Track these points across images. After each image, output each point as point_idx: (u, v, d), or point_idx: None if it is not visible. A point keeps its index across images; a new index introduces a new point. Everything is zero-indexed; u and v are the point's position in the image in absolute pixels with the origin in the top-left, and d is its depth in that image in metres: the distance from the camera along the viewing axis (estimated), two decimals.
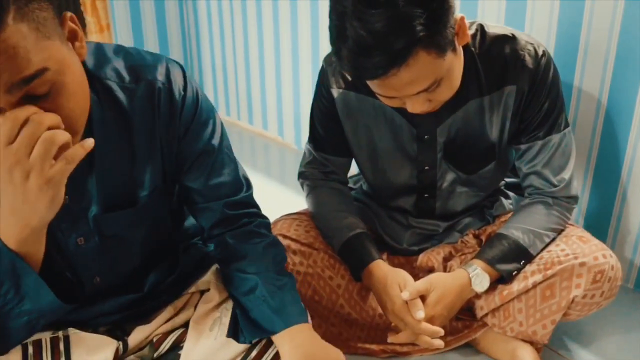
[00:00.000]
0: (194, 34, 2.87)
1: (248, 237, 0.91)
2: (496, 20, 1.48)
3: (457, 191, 1.15)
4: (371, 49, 0.81)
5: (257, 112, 2.59)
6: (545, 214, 1.08)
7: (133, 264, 0.90)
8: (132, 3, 2.77)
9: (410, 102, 0.93)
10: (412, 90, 0.89)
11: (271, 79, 2.43)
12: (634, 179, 1.31)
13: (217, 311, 0.93)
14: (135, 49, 0.84)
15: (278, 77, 2.38)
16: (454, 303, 1.03)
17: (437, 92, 0.92)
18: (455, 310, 1.05)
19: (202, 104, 0.86)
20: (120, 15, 2.77)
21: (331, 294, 1.14)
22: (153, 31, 2.87)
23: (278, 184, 2.07)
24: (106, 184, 0.81)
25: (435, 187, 1.15)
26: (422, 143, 1.09)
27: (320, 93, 1.14)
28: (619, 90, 1.29)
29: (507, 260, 1.05)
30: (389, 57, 0.82)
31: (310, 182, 1.22)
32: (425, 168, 1.12)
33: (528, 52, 1.01)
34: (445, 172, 1.12)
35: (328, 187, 1.20)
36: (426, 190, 1.16)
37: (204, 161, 0.87)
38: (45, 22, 0.62)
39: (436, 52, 0.85)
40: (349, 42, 0.83)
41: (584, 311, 1.05)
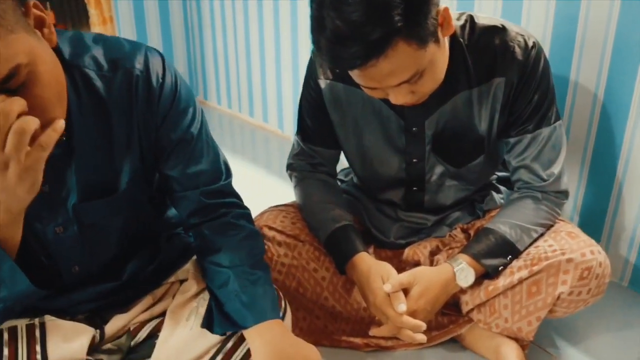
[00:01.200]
0: (197, 26, 2.87)
1: (224, 228, 0.90)
2: (493, 14, 1.46)
3: (446, 184, 1.14)
4: (347, 39, 0.80)
5: (258, 105, 2.59)
6: (534, 209, 1.06)
7: (112, 253, 0.90)
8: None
9: (392, 94, 0.91)
10: (393, 82, 0.87)
11: (271, 73, 2.42)
12: (629, 176, 1.29)
13: (194, 301, 0.92)
14: (115, 38, 0.84)
15: (278, 70, 2.38)
16: (437, 297, 1.01)
17: (420, 83, 0.90)
18: (439, 305, 1.04)
19: (181, 92, 0.85)
20: (124, 7, 2.78)
21: (315, 287, 1.13)
22: (156, 24, 2.87)
23: (277, 176, 2.06)
24: (85, 172, 0.80)
25: (423, 180, 1.13)
26: (410, 135, 1.07)
27: (308, 84, 1.13)
28: (616, 85, 1.26)
29: (493, 255, 1.03)
30: (366, 48, 0.80)
31: (298, 173, 1.21)
32: (414, 161, 1.10)
33: (518, 44, 0.99)
34: (434, 165, 1.11)
35: (315, 179, 1.19)
36: (415, 183, 1.14)
37: (182, 149, 0.87)
38: (5, 14, 0.61)
39: (417, 43, 0.83)
40: (326, 33, 0.82)
41: (570, 308, 1.03)
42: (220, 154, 0.94)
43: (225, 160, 0.95)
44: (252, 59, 2.51)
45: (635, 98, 1.23)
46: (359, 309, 1.14)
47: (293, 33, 2.22)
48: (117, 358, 0.89)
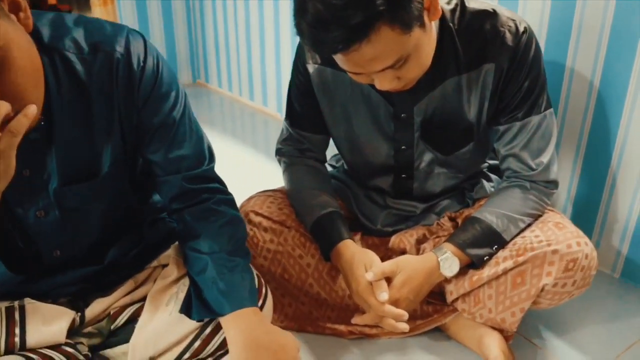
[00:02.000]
0: (198, 8, 2.84)
1: (205, 214, 0.90)
2: (491, 1, 1.42)
3: (435, 172, 1.12)
4: (328, 23, 0.78)
5: (258, 89, 2.57)
6: (522, 199, 1.05)
7: (94, 237, 0.90)
8: None
9: (377, 79, 0.89)
10: (377, 67, 0.85)
11: (271, 57, 2.41)
12: (623, 166, 1.27)
13: (174, 286, 0.92)
14: (97, 20, 0.83)
15: (277, 55, 2.36)
16: (421, 287, 1.01)
17: (405, 69, 0.88)
18: (423, 294, 1.03)
19: (163, 75, 0.84)
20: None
21: (300, 273, 1.13)
22: (157, 6, 2.85)
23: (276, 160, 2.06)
24: (66, 156, 0.80)
25: (412, 167, 1.12)
26: (398, 122, 1.06)
27: (296, 68, 1.11)
28: (612, 74, 1.23)
29: (478, 245, 1.02)
30: (347, 32, 0.78)
31: (286, 159, 1.20)
32: (402, 148, 1.09)
33: (508, 29, 0.96)
34: (423, 153, 1.09)
35: (303, 164, 1.18)
36: (403, 170, 1.13)
37: (163, 133, 0.86)
38: None
39: (400, 28, 0.81)
40: (307, 16, 0.80)
41: (555, 300, 1.02)
42: (204, 139, 0.93)
43: (209, 145, 0.95)
44: (252, 43, 2.49)
45: (631, 88, 1.20)
46: (344, 296, 1.14)
47: (292, 18, 2.19)
48: (97, 341, 0.90)
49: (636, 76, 1.19)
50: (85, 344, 0.89)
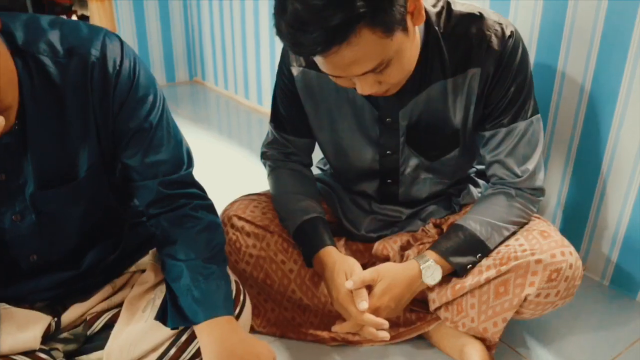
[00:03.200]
0: (195, 6, 2.83)
1: (182, 220, 0.89)
2: (481, 3, 1.40)
3: (421, 177, 1.11)
4: (307, 24, 0.76)
5: (253, 88, 2.56)
6: (507, 206, 1.03)
7: (72, 242, 0.90)
8: None
9: (358, 83, 0.88)
10: (358, 71, 0.83)
11: (266, 57, 2.40)
12: (614, 173, 1.25)
13: (152, 292, 0.92)
14: (73, 22, 0.82)
15: (272, 54, 2.35)
16: (402, 295, 1.00)
17: (387, 73, 0.86)
18: (404, 302, 1.02)
19: (140, 79, 0.82)
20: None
21: (283, 279, 1.12)
22: (154, 4, 2.84)
23: None
24: (42, 160, 0.79)
25: (397, 172, 1.10)
26: (384, 126, 1.04)
27: (281, 71, 1.09)
28: (603, 78, 1.21)
29: (461, 253, 1.00)
30: (326, 34, 0.76)
31: (271, 162, 1.18)
32: (387, 152, 1.07)
33: (495, 33, 0.94)
34: (409, 158, 1.08)
35: (288, 168, 1.17)
36: (389, 175, 1.12)
37: (140, 138, 0.85)
38: None
39: (382, 31, 0.79)
40: (286, 16, 0.78)
41: (538, 311, 1.00)
42: (182, 143, 0.92)
43: (188, 149, 0.93)
44: (248, 42, 2.48)
45: (622, 94, 1.19)
46: (326, 303, 1.13)
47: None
48: (72, 347, 0.89)
49: (627, 82, 1.17)
50: (60, 350, 0.88)
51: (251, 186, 1.26)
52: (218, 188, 1.48)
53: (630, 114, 1.18)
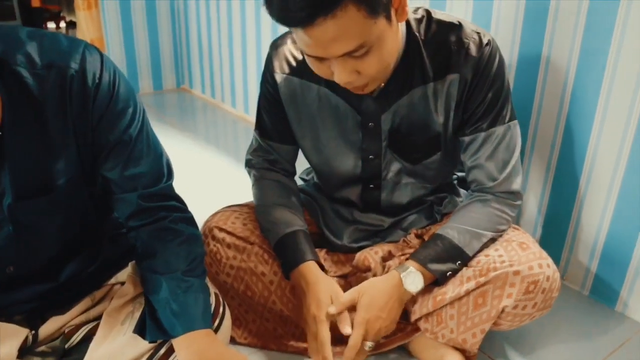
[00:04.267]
0: (183, 13, 2.84)
1: (161, 233, 0.89)
2: (465, 4, 1.43)
3: (403, 182, 1.12)
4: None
5: (240, 96, 2.57)
6: (483, 212, 1.05)
7: (50, 253, 0.89)
8: None
9: (337, 69, 0.88)
10: (338, 50, 0.84)
11: (253, 65, 2.40)
12: (592, 183, 1.27)
13: (130, 305, 0.92)
14: (53, 35, 0.82)
15: (259, 63, 2.36)
16: (388, 304, 1.00)
17: (366, 62, 0.87)
18: (395, 312, 1.01)
19: (119, 92, 0.82)
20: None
21: (263, 290, 1.12)
22: (142, 12, 2.84)
23: None
24: (19, 172, 0.79)
25: (380, 177, 1.12)
26: (366, 131, 1.06)
27: (265, 79, 1.11)
28: (582, 88, 1.23)
29: (441, 261, 1.01)
30: (315, 3, 0.78)
31: (255, 171, 1.19)
32: (370, 157, 1.09)
33: (472, 40, 0.98)
34: (391, 162, 1.09)
35: (272, 179, 1.17)
36: (371, 180, 1.13)
37: (119, 151, 0.85)
38: None
39: (367, 11, 0.81)
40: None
41: (515, 322, 1.01)
42: (163, 155, 0.92)
43: (168, 162, 0.93)
44: (235, 50, 2.49)
45: (600, 105, 1.21)
46: None
47: (273, 26, 2.19)
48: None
49: (605, 94, 1.19)
50: None
51: (237, 195, 1.26)
52: (204, 197, 1.48)
53: (608, 127, 1.20)
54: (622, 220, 1.23)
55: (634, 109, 1.15)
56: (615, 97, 1.18)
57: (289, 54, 1.07)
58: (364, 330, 0.98)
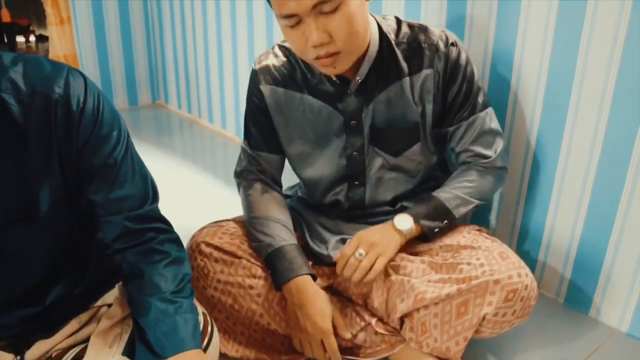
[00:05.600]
0: (158, 28, 2.83)
1: (148, 255, 0.89)
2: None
3: (386, 177, 1.19)
4: None
5: (217, 112, 2.57)
6: (478, 183, 1.16)
7: (35, 278, 0.88)
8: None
9: (309, 28, 0.95)
10: (308, 1, 0.91)
11: (229, 80, 2.41)
12: (565, 191, 1.32)
13: (118, 327, 0.91)
14: (36, 59, 0.82)
15: (236, 78, 2.37)
16: (383, 233, 1.09)
17: (335, 20, 0.94)
18: (388, 241, 1.09)
19: (104, 116, 0.83)
20: (82, 8, 2.73)
21: (251, 304, 1.14)
22: (116, 27, 2.82)
23: (234, 184, 2.06)
24: (1, 198, 0.78)
25: (364, 173, 1.18)
26: (349, 130, 1.14)
27: (251, 92, 1.20)
28: (552, 99, 1.29)
29: (430, 218, 1.12)
30: None
31: (245, 181, 1.24)
32: (354, 154, 1.16)
33: (440, 38, 1.09)
34: (373, 158, 1.16)
35: (262, 190, 1.22)
36: (356, 177, 1.19)
37: (104, 174, 0.85)
38: None
39: None
40: None
41: (496, 329, 1.05)
42: (148, 177, 0.93)
43: (153, 184, 0.94)
44: (211, 65, 2.50)
45: (570, 113, 1.26)
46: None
47: (249, 41, 2.21)
48: None
49: (574, 103, 1.24)
50: None
51: (215, 210, 1.28)
52: (181, 213, 1.48)
53: (577, 139, 1.26)
54: (593, 228, 1.29)
55: (600, 122, 1.21)
56: (583, 109, 1.23)
57: (272, 68, 1.16)
58: (357, 243, 1.08)
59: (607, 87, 1.18)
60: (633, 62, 1.12)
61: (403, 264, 1.12)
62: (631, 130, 1.16)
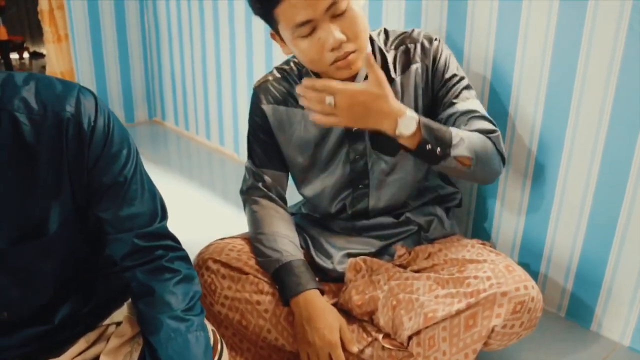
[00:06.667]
0: (155, 45, 2.85)
1: (158, 272, 0.89)
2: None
3: (388, 180, 1.21)
4: None
5: (214, 128, 2.58)
6: (486, 143, 1.10)
7: (43, 296, 0.88)
8: (92, 14, 2.74)
9: (326, 32, 1.01)
10: (323, 4, 0.98)
11: (228, 97, 2.42)
12: (565, 205, 1.34)
13: (128, 345, 0.91)
14: (47, 78, 0.83)
15: (234, 94, 2.38)
16: (370, 111, 1.00)
17: (348, 19, 1.02)
18: (367, 121, 1.01)
19: (114, 135, 0.84)
20: (79, 25, 2.73)
21: (258, 319, 1.14)
22: (113, 44, 2.83)
23: (233, 201, 2.05)
24: (10, 217, 0.78)
25: (367, 176, 1.21)
26: (352, 136, 1.18)
27: (253, 113, 1.25)
28: (552, 112, 1.31)
29: (434, 136, 1.04)
30: None
31: (251, 199, 1.26)
32: (357, 158, 1.20)
33: (425, 36, 1.18)
34: (375, 162, 1.20)
35: (268, 206, 1.24)
36: (360, 180, 1.22)
37: (114, 192, 0.86)
38: None
39: None
40: None
41: (504, 341, 1.05)
42: (156, 195, 0.94)
43: (162, 201, 0.95)
44: (209, 81, 2.51)
45: (570, 126, 1.29)
46: None
47: (248, 57, 2.23)
48: None
49: (574, 116, 1.27)
50: None
51: (212, 227, 1.29)
52: (178, 229, 1.48)
53: (577, 152, 1.28)
54: (594, 241, 1.30)
55: (600, 135, 1.23)
56: (583, 122, 1.26)
57: (272, 88, 1.22)
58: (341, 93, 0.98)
59: (606, 101, 1.20)
60: (632, 73, 1.15)
61: (409, 282, 1.12)
62: (631, 143, 1.18)
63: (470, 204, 1.54)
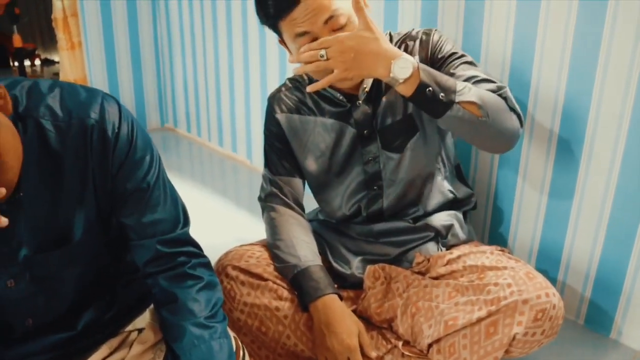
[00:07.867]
0: (167, 53, 2.87)
1: (181, 279, 0.90)
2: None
3: (399, 177, 1.22)
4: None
5: (227, 135, 2.59)
6: (494, 95, 1.07)
7: (67, 303, 0.89)
8: (105, 21, 2.76)
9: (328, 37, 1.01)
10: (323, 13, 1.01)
11: (241, 103, 2.43)
12: (583, 211, 1.33)
13: (151, 352, 0.91)
14: (71, 85, 0.84)
15: (247, 101, 2.39)
16: (365, 56, 0.99)
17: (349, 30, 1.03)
18: (361, 70, 1.01)
19: (137, 141, 0.84)
20: (93, 33, 2.76)
21: (278, 325, 1.14)
22: (126, 51, 2.86)
23: (246, 207, 2.06)
24: (36, 225, 0.79)
25: (380, 177, 1.22)
26: (363, 139, 1.20)
27: (268, 121, 1.28)
28: (570, 122, 1.31)
29: (434, 77, 1.01)
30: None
31: (269, 206, 1.27)
32: (369, 159, 1.22)
33: (423, 32, 1.20)
34: (387, 162, 1.21)
35: (287, 213, 1.25)
36: (374, 181, 1.23)
37: (137, 198, 0.86)
38: None
39: None
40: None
41: (525, 349, 1.05)
42: (178, 202, 0.94)
43: (184, 208, 0.95)
44: (222, 88, 2.52)
45: (589, 134, 1.28)
46: None
47: (262, 63, 2.23)
48: None
49: (592, 126, 1.26)
50: None
51: (225, 233, 1.29)
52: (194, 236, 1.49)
53: (597, 155, 1.27)
54: (613, 248, 1.29)
55: (619, 140, 1.22)
56: (602, 127, 1.25)
57: (285, 97, 1.27)
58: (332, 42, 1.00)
59: (625, 105, 1.20)
60: None
61: (428, 289, 1.12)
62: None
63: (487, 209, 1.54)
